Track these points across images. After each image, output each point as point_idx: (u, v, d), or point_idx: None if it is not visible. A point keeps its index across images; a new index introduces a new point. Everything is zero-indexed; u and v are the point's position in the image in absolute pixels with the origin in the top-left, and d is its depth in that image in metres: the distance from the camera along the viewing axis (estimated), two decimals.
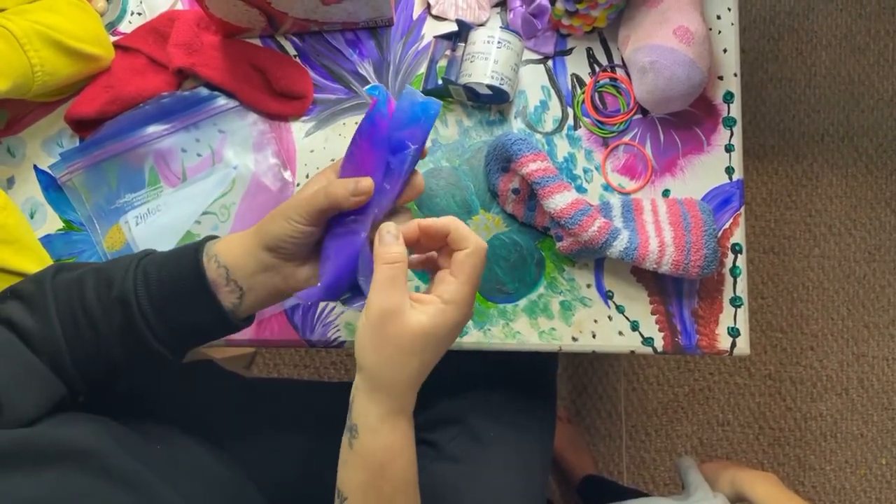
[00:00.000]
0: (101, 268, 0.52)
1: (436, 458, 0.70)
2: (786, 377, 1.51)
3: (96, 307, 0.49)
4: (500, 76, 0.66)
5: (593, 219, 0.63)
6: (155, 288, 0.50)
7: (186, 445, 0.62)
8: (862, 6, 1.62)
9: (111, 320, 0.49)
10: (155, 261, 0.52)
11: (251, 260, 0.51)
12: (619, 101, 0.72)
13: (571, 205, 0.63)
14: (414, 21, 0.73)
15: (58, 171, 0.69)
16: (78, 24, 0.65)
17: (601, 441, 1.45)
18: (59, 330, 0.49)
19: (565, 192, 0.64)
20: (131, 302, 0.49)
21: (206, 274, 0.50)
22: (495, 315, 0.69)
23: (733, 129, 0.72)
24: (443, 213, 0.70)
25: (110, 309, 0.49)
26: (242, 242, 0.52)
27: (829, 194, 1.57)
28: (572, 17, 0.69)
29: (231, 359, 1.32)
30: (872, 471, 1.49)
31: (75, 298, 0.50)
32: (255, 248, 0.51)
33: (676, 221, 0.66)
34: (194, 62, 0.68)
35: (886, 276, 1.54)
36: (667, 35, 0.65)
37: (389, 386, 0.47)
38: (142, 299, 0.50)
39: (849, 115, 1.59)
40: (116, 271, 0.51)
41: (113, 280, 0.50)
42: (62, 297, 0.50)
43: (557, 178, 0.64)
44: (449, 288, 0.48)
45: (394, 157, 0.52)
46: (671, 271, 0.64)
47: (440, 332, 0.47)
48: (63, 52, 0.64)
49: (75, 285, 0.50)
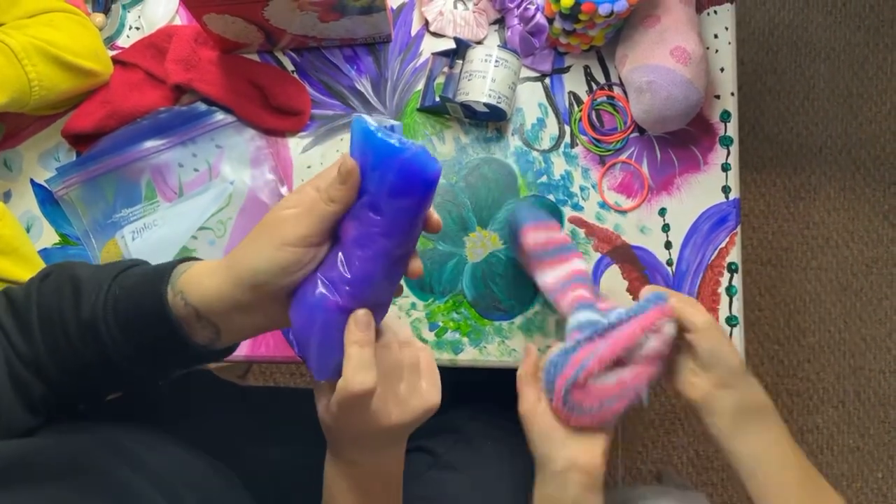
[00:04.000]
0: (77, 280, 0.46)
1: (433, 466, 0.71)
2: (782, 389, 1.51)
3: (72, 326, 0.45)
4: (498, 95, 0.66)
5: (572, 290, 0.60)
6: (123, 320, 0.44)
7: (181, 455, 0.61)
8: (861, 19, 1.63)
9: (86, 343, 0.45)
10: (126, 287, 0.45)
11: (225, 300, 0.43)
12: (616, 119, 0.72)
13: (558, 279, 0.61)
14: (412, 38, 0.73)
15: (54, 185, 0.69)
16: (76, 40, 0.65)
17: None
18: (42, 347, 0.45)
19: (559, 266, 0.61)
20: (101, 330, 0.44)
21: (172, 313, 0.43)
22: (491, 332, 0.69)
23: (730, 147, 0.72)
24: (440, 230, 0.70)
25: (84, 332, 0.45)
26: (213, 277, 0.43)
27: (827, 206, 1.57)
28: (570, 35, 0.69)
29: (226, 368, 1.32)
30: (869, 484, 1.48)
31: (54, 311, 0.45)
32: (230, 286, 0.42)
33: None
34: (192, 77, 0.68)
35: (884, 289, 1.54)
36: (664, 55, 0.65)
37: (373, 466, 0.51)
38: (112, 330, 0.44)
39: (847, 127, 1.59)
40: (90, 290, 0.45)
41: (83, 301, 0.45)
42: (44, 307, 0.46)
43: (557, 251, 0.62)
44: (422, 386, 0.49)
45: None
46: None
47: (413, 424, 0.49)
48: (61, 67, 0.64)
49: (55, 297, 0.46)
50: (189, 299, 0.43)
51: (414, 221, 0.44)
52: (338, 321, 0.44)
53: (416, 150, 0.42)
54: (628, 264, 0.70)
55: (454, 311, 0.69)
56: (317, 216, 0.41)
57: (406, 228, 0.44)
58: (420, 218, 0.44)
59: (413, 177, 0.42)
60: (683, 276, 0.70)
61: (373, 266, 0.43)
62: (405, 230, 0.44)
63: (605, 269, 0.70)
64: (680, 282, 0.70)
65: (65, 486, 0.42)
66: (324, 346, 0.44)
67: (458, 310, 0.69)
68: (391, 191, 0.42)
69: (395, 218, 0.43)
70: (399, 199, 0.42)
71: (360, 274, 0.43)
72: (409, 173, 0.42)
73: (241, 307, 0.43)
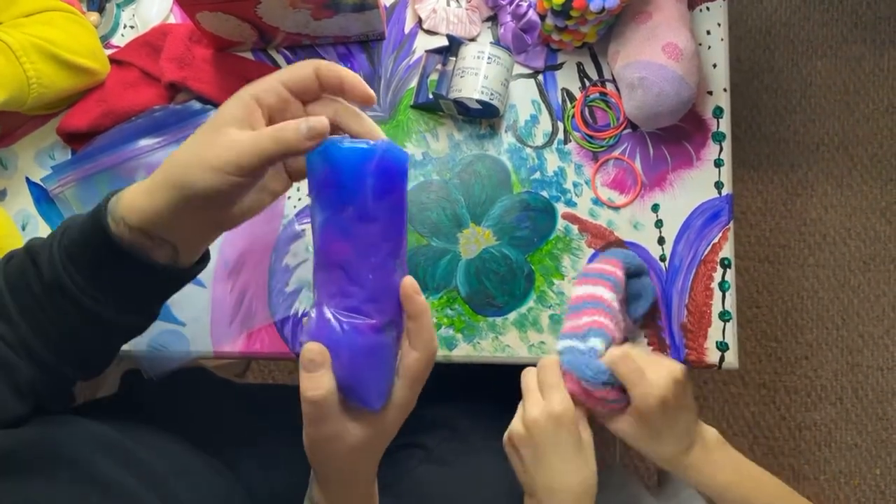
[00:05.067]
0: (32, 252, 0.46)
1: (425, 460, 0.71)
2: (780, 387, 1.51)
3: (41, 294, 0.45)
4: (490, 91, 0.66)
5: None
6: (81, 266, 0.44)
7: (176, 452, 0.62)
8: (857, 16, 1.63)
9: (60, 305, 0.45)
10: (72, 236, 0.45)
11: (165, 217, 0.43)
12: (609, 115, 0.72)
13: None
14: (405, 35, 0.73)
15: (50, 183, 0.69)
16: (74, 38, 0.66)
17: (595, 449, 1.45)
18: (24, 326, 0.46)
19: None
20: (66, 285, 0.44)
21: (119, 240, 0.43)
22: (485, 328, 0.69)
23: (723, 144, 0.72)
24: (433, 227, 0.70)
25: (52, 294, 0.45)
26: (148, 197, 0.43)
27: (825, 204, 1.57)
28: (562, 32, 0.69)
29: (224, 366, 1.32)
30: (867, 481, 1.49)
31: (23, 287, 0.46)
32: (172, 203, 0.42)
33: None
34: (186, 76, 0.69)
35: (881, 286, 1.54)
36: (656, 51, 0.66)
37: (352, 483, 0.48)
38: (76, 279, 0.44)
39: (844, 124, 1.59)
40: (43, 253, 0.45)
41: (42, 266, 0.45)
42: (13, 287, 0.46)
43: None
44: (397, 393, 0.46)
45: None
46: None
47: (387, 435, 0.47)
48: (59, 65, 0.64)
49: (19, 274, 0.46)
50: (132, 223, 0.43)
51: (403, 212, 0.44)
52: (377, 342, 0.43)
53: (385, 146, 0.42)
54: None
55: (448, 307, 0.69)
56: (263, 157, 0.41)
57: (400, 222, 0.44)
58: (405, 204, 0.44)
59: (392, 171, 0.42)
60: (676, 271, 0.70)
61: (385, 272, 0.43)
62: (400, 223, 0.44)
63: None
64: (673, 277, 0.70)
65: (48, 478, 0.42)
66: (374, 370, 0.43)
67: (452, 306, 0.69)
68: (376, 193, 0.42)
69: (388, 218, 0.43)
70: (386, 198, 0.42)
71: (378, 285, 0.43)
72: (387, 169, 0.42)
73: (189, 220, 0.44)
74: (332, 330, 0.42)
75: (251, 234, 0.69)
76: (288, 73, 0.45)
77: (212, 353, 0.67)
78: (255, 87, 0.44)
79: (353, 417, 0.44)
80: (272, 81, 0.44)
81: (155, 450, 0.56)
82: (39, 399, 0.47)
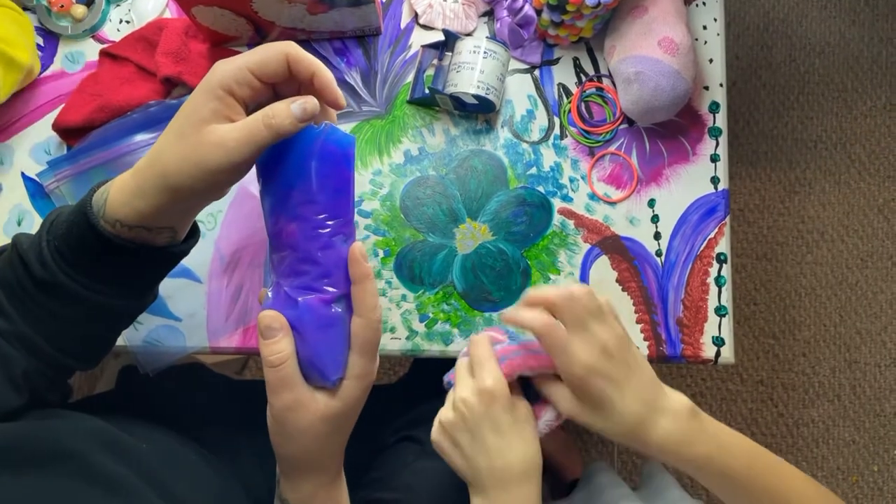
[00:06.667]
0: (20, 247, 0.46)
1: (421, 455, 0.71)
2: (778, 383, 1.51)
3: (34, 290, 0.45)
4: (486, 86, 0.66)
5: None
6: (83, 266, 0.45)
7: (173, 447, 0.62)
8: (855, 14, 1.63)
9: (57, 299, 0.45)
10: (60, 236, 0.45)
11: (168, 212, 0.44)
12: (606, 110, 0.72)
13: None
14: (402, 30, 0.73)
15: (45, 178, 0.69)
16: (12, 33, 0.65)
17: (592, 446, 1.45)
18: (17, 317, 0.46)
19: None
20: (62, 282, 0.44)
21: (121, 239, 0.44)
22: (481, 323, 0.69)
23: (719, 139, 0.72)
24: (430, 222, 0.70)
25: (48, 290, 0.45)
26: (147, 199, 0.43)
27: (822, 201, 1.57)
28: (558, 27, 0.69)
29: (223, 363, 1.32)
30: (864, 477, 1.49)
31: (13, 281, 0.46)
32: (171, 202, 0.43)
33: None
34: (182, 70, 0.68)
35: (878, 283, 1.54)
36: (651, 46, 0.66)
37: (318, 467, 0.48)
38: (76, 277, 0.45)
39: (842, 122, 1.59)
40: (32, 253, 0.45)
41: (31, 265, 0.45)
42: (3, 281, 0.46)
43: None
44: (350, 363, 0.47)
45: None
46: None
47: (353, 407, 0.47)
48: (2, 60, 0.64)
49: (9, 269, 0.46)
50: (130, 223, 0.44)
51: (349, 194, 0.46)
52: (330, 315, 0.45)
53: (329, 129, 0.44)
54: (618, 255, 0.70)
55: (444, 302, 0.69)
56: (257, 146, 0.42)
57: (346, 203, 0.46)
58: (351, 186, 0.46)
59: (335, 154, 0.44)
60: (672, 266, 0.70)
61: (333, 249, 0.45)
62: (346, 204, 0.46)
63: (595, 259, 0.70)
64: (669, 272, 0.70)
65: (46, 472, 0.42)
66: (328, 343, 0.45)
67: (448, 301, 0.69)
68: (320, 176, 0.44)
69: (333, 199, 0.45)
70: (330, 181, 0.44)
71: (328, 261, 0.45)
72: (330, 152, 0.44)
73: (184, 209, 0.45)
74: (285, 306, 0.45)
75: (247, 229, 0.69)
76: (257, 60, 0.43)
77: (208, 349, 0.67)
78: (225, 76, 0.42)
79: (315, 388, 0.46)
80: (242, 71, 0.42)
81: (152, 444, 0.56)
82: (36, 391, 0.48)
